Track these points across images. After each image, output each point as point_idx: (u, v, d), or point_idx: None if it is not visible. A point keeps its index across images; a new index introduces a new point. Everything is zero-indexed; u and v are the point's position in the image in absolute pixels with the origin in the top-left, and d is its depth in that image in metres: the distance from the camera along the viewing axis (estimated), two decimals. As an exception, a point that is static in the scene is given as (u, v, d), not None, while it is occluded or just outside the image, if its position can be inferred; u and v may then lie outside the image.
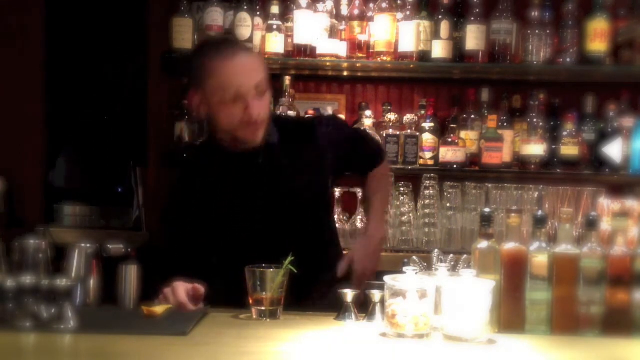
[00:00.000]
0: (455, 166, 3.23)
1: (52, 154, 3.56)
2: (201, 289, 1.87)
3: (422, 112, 3.35)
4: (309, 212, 2.12)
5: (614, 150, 3.20)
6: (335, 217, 3.07)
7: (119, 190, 3.61)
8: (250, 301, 1.80)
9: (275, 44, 3.18)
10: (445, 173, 3.25)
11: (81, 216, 3.45)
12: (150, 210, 3.35)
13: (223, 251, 2.08)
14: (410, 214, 3.19)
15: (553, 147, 3.24)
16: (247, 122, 1.97)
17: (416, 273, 1.69)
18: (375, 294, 1.76)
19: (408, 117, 3.30)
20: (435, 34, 3.20)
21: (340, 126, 2.39)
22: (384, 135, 3.25)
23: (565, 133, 3.21)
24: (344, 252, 2.28)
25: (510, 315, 1.70)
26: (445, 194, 3.20)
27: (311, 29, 3.19)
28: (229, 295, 1.93)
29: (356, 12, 3.25)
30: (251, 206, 2.09)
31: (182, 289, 1.84)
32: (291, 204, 2.10)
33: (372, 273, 2.16)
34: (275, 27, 3.19)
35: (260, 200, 2.08)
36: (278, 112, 3.16)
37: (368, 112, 3.30)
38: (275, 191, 2.09)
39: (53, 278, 1.63)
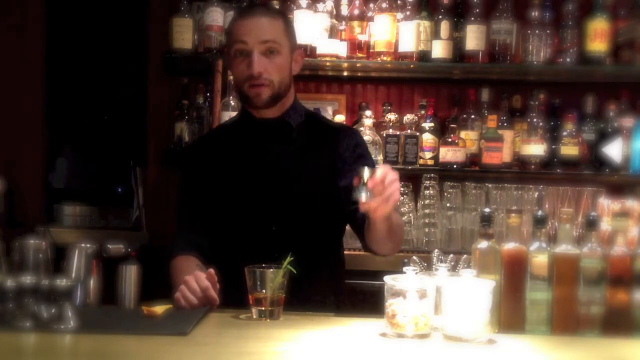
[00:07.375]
0: (455, 166, 3.23)
1: (52, 154, 3.56)
2: (213, 275, 1.85)
3: (422, 112, 3.35)
4: (312, 206, 2.09)
5: (614, 150, 3.20)
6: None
7: (119, 190, 3.62)
8: (250, 301, 1.80)
9: (275, 44, 3.18)
10: (445, 173, 3.25)
11: (81, 216, 3.46)
12: (150, 210, 3.35)
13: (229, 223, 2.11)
14: (410, 214, 3.19)
15: (553, 147, 3.24)
16: (250, 77, 2.02)
17: (416, 273, 1.69)
18: (365, 172, 1.76)
19: (408, 117, 3.30)
20: (435, 34, 3.20)
21: (364, 147, 2.24)
22: (384, 135, 3.25)
23: (565, 133, 3.21)
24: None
25: (510, 315, 1.70)
26: (445, 194, 3.20)
27: (311, 29, 3.18)
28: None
29: (356, 12, 3.25)
30: (254, 181, 2.10)
31: (203, 276, 1.83)
32: (293, 191, 2.08)
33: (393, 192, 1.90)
34: (275, 27, 3.19)
35: (264, 175, 2.09)
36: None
37: (368, 112, 3.30)
38: (280, 173, 2.10)
39: (53, 278, 1.63)
